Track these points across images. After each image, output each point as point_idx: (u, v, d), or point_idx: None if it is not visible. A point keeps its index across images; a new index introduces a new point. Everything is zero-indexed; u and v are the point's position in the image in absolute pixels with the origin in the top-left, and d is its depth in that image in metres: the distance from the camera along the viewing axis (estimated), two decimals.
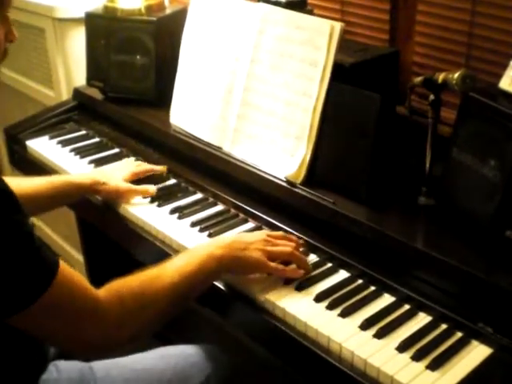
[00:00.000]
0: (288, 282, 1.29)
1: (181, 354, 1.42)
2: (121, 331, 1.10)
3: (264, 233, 1.35)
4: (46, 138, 2.00)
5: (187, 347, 1.45)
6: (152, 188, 1.63)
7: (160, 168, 1.72)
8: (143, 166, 1.72)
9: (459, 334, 1.15)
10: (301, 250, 1.34)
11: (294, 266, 1.31)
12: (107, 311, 1.08)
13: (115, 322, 1.09)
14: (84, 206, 1.79)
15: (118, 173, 1.65)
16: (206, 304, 1.40)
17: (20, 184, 1.48)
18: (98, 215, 1.73)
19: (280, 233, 1.38)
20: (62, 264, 1.04)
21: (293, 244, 1.32)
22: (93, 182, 1.60)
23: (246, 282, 1.29)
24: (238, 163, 1.61)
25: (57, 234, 2.94)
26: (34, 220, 3.03)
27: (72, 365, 1.34)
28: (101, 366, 1.35)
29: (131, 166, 1.71)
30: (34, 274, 0.99)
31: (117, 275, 1.96)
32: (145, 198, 1.62)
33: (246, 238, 1.31)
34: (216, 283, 1.32)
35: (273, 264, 1.28)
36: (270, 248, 1.29)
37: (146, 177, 1.70)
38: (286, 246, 1.31)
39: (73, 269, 1.07)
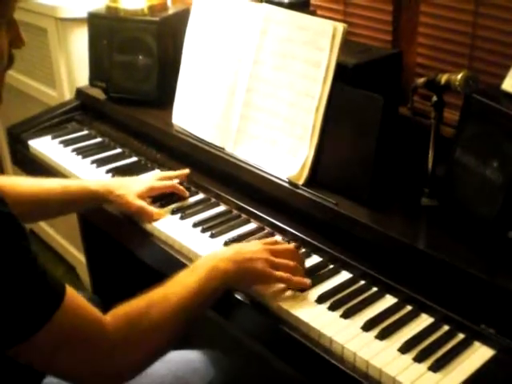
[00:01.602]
0: None
1: (182, 360, 1.41)
2: (131, 356, 1.07)
3: (259, 242, 1.32)
4: (48, 137, 2.01)
5: (189, 352, 1.44)
6: (163, 212, 1.55)
7: (182, 189, 1.62)
8: (163, 182, 1.62)
9: (461, 336, 1.15)
10: (299, 259, 1.32)
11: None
12: (116, 337, 1.04)
13: (125, 348, 1.06)
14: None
15: (136, 186, 1.56)
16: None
17: (32, 186, 1.46)
18: (99, 214, 1.73)
19: (273, 239, 1.37)
20: (68, 289, 1.01)
21: (292, 251, 1.31)
22: (106, 191, 1.54)
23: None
24: (241, 164, 1.61)
25: (59, 233, 2.95)
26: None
27: None
28: None
29: (152, 180, 1.62)
30: (40, 299, 0.96)
31: (118, 275, 1.97)
32: (149, 199, 1.62)
33: (247, 248, 1.27)
34: None
35: (278, 273, 1.25)
36: (273, 258, 1.26)
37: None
38: (287, 255, 1.28)
39: (80, 295, 1.04)
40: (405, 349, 1.11)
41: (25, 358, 0.99)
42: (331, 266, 1.35)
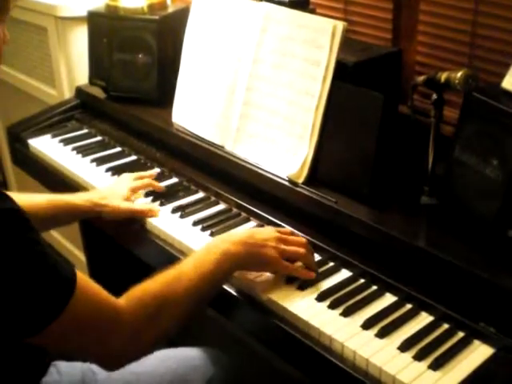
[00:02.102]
0: (291, 281, 1.29)
1: (182, 357, 1.41)
2: (146, 336, 1.10)
3: (274, 229, 1.34)
4: (48, 136, 2.01)
5: (189, 350, 1.45)
6: (156, 208, 1.57)
7: (156, 185, 1.66)
8: (141, 181, 1.64)
9: (461, 334, 1.15)
10: (311, 252, 1.34)
11: (299, 263, 1.31)
12: (130, 319, 1.07)
13: (140, 329, 1.08)
14: None
15: (118, 192, 1.58)
16: (209, 304, 1.41)
17: (19, 199, 1.47)
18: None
19: (288, 229, 1.38)
20: (80, 277, 1.02)
21: (304, 242, 1.32)
22: (93, 204, 1.54)
23: (248, 282, 1.30)
24: (240, 162, 1.61)
25: (58, 232, 2.95)
26: None
27: (73, 366, 1.34)
28: None
29: (130, 181, 1.63)
30: (52, 291, 0.97)
31: (118, 273, 1.97)
32: (147, 197, 1.63)
33: (260, 234, 1.29)
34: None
35: (286, 263, 1.27)
36: (284, 247, 1.28)
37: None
38: (298, 246, 1.30)
39: (91, 280, 1.06)
40: (404, 347, 1.11)
41: (41, 343, 1.02)
42: (331, 264, 1.35)
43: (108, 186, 1.66)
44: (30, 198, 1.48)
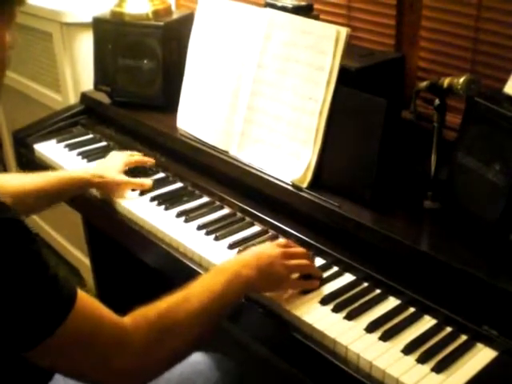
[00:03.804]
0: None
1: (187, 362, 1.40)
2: (152, 358, 1.04)
3: (275, 245, 1.32)
4: (53, 141, 2.02)
5: (194, 354, 1.44)
6: (148, 182, 1.69)
7: (148, 160, 1.79)
8: (135, 157, 1.78)
9: (464, 337, 1.16)
10: (311, 256, 1.35)
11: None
12: (136, 339, 1.02)
13: (146, 350, 1.03)
14: (90, 209, 1.81)
15: (113, 166, 1.69)
16: None
17: (24, 181, 1.52)
18: (104, 217, 1.75)
19: (285, 241, 1.38)
20: (81, 294, 0.99)
21: (305, 252, 1.32)
22: (91, 175, 1.65)
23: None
24: (245, 167, 1.62)
25: (63, 237, 2.95)
26: (41, 224, 3.05)
27: None
28: None
29: (123, 157, 1.75)
30: (50, 304, 0.94)
31: (124, 279, 1.98)
32: (152, 201, 1.64)
33: (266, 254, 1.26)
34: None
35: (294, 280, 1.28)
36: (290, 262, 1.27)
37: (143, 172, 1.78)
38: (301, 257, 1.30)
39: (92, 297, 1.02)
40: (408, 350, 1.12)
41: (36, 360, 0.98)
42: (335, 269, 1.36)
43: (101, 161, 1.78)
44: (33, 179, 1.56)
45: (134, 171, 1.76)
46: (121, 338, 1.01)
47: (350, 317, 1.21)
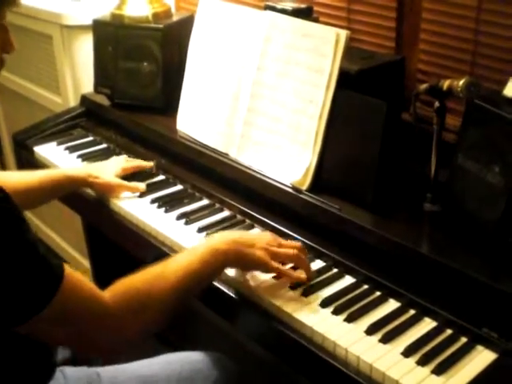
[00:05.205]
0: (295, 288, 1.30)
1: (186, 361, 1.42)
2: (129, 330, 1.12)
3: (269, 234, 1.36)
4: (53, 143, 2.02)
5: (193, 354, 1.46)
6: (142, 186, 1.70)
7: (147, 164, 1.79)
8: (133, 162, 1.79)
9: (464, 339, 1.16)
10: (305, 256, 1.35)
11: (298, 270, 1.32)
12: (114, 312, 1.09)
13: (122, 323, 1.11)
14: (89, 211, 1.82)
15: (110, 168, 1.71)
16: (213, 309, 1.42)
17: (21, 178, 1.55)
18: (103, 219, 1.75)
19: (283, 240, 1.38)
20: (67, 269, 1.04)
21: (298, 246, 1.33)
22: (87, 175, 1.67)
23: (252, 287, 1.31)
24: (245, 169, 1.62)
25: (63, 239, 2.96)
26: (41, 225, 3.05)
27: (79, 371, 1.35)
28: (107, 372, 1.36)
29: (121, 162, 1.77)
30: (41, 281, 0.99)
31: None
32: (152, 203, 1.64)
33: (251, 235, 1.33)
34: (223, 288, 1.33)
35: (275, 263, 1.28)
36: (274, 249, 1.29)
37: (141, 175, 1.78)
38: (290, 249, 1.31)
39: (77, 272, 1.08)
40: (408, 352, 1.12)
41: (31, 333, 1.04)
42: (335, 271, 1.36)
43: (99, 163, 1.79)
44: (28, 176, 1.59)
45: (133, 174, 1.76)
46: (102, 313, 1.08)
47: (350, 319, 1.21)
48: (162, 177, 1.79)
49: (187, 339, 1.96)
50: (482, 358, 1.12)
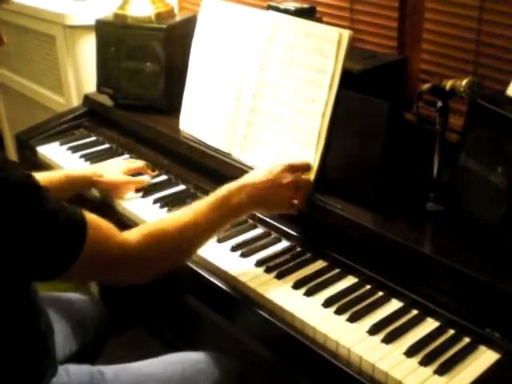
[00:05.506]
0: (297, 287, 1.30)
1: (188, 361, 1.42)
2: (146, 270, 1.24)
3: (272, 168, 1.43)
4: (56, 144, 2.03)
5: (195, 354, 1.46)
6: (146, 178, 1.75)
7: (150, 172, 1.80)
8: (136, 164, 1.80)
9: (467, 340, 1.16)
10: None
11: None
12: (135, 254, 1.20)
13: (142, 264, 1.22)
14: (92, 212, 1.81)
15: (114, 167, 1.73)
16: (214, 308, 1.42)
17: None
18: (106, 219, 1.74)
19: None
20: (88, 216, 1.13)
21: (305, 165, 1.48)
22: (92, 173, 1.69)
23: (254, 286, 1.31)
24: (247, 169, 1.61)
25: None
26: None
27: (82, 369, 1.35)
28: (110, 370, 1.36)
29: (127, 162, 1.80)
30: (69, 235, 1.09)
31: None
32: (155, 203, 1.64)
33: (263, 184, 1.39)
34: (223, 287, 1.34)
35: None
36: (287, 181, 1.40)
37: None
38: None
39: (100, 218, 1.17)
40: (410, 352, 1.12)
41: (67, 279, 1.15)
42: (337, 271, 1.36)
43: (103, 162, 1.81)
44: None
45: (134, 175, 1.76)
46: (124, 255, 1.19)
47: (352, 319, 1.21)
48: (164, 177, 1.79)
49: (189, 340, 1.96)
50: (484, 358, 1.12)
